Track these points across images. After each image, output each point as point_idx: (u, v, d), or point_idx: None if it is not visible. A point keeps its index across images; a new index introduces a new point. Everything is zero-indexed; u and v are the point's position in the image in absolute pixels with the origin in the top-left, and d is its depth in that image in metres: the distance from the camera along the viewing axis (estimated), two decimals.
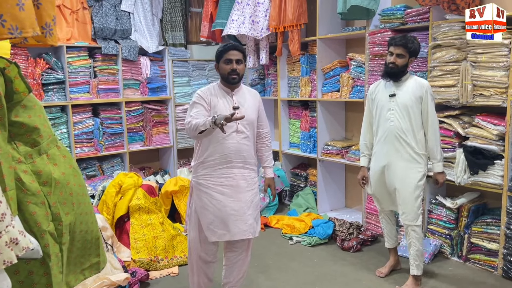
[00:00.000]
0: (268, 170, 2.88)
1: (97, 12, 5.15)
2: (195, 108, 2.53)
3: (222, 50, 2.56)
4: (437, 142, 2.92)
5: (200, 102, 2.54)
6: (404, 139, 2.93)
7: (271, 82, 5.23)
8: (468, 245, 3.38)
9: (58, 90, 4.82)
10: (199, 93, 2.60)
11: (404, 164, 2.95)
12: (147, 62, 5.37)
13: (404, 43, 2.87)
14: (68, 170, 1.52)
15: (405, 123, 2.91)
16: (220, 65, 2.56)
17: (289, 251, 3.81)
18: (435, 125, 2.92)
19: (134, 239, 3.62)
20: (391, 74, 2.94)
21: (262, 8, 4.73)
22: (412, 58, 2.92)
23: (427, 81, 2.98)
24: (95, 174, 5.10)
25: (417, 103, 2.90)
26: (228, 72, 2.53)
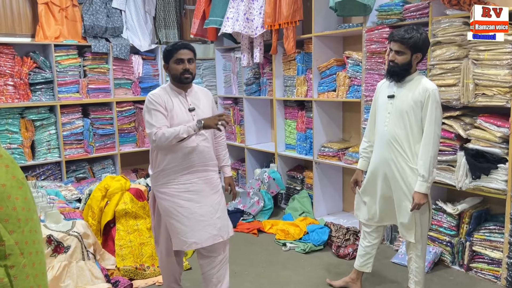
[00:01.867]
0: (227, 169, 2.80)
1: (88, 10, 5.01)
2: (154, 116, 2.40)
3: (171, 49, 2.46)
4: (427, 158, 2.49)
5: (157, 108, 2.42)
6: (397, 148, 2.60)
7: (266, 82, 5.06)
8: (470, 253, 3.20)
9: (46, 90, 4.68)
10: (153, 98, 2.44)
11: (399, 175, 2.62)
12: (139, 61, 5.22)
13: (401, 37, 2.51)
14: (11, 181, 1.34)
15: (399, 130, 2.58)
16: (171, 65, 2.47)
17: (282, 258, 3.64)
18: (431, 137, 2.49)
19: (119, 245, 3.47)
20: (392, 73, 2.61)
21: (256, 5, 4.56)
22: (416, 54, 2.53)
23: (435, 86, 2.53)
24: (85, 177, 4.96)
25: (415, 109, 2.53)
26: (181, 72, 2.45)
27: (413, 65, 2.57)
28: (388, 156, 2.64)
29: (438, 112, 2.51)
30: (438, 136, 2.53)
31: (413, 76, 2.60)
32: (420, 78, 2.59)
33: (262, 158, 5.48)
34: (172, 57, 2.45)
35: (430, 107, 2.49)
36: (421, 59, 2.60)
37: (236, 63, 5.41)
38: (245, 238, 4.06)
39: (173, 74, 2.48)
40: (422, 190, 2.52)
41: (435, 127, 2.50)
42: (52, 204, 3.23)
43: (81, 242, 3.06)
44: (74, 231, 3.07)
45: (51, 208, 3.15)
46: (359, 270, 3.00)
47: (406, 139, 2.58)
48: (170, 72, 2.50)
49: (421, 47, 2.53)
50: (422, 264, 2.72)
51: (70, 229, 3.08)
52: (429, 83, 2.56)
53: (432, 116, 2.49)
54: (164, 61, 2.52)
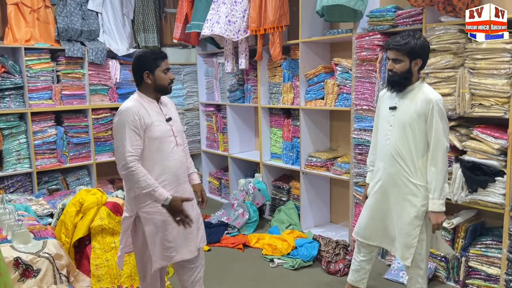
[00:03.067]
0: (196, 176, 2.66)
1: (61, 11, 4.73)
2: (129, 135, 2.20)
3: (157, 58, 2.32)
4: (440, 175, 2.36)
5: (135, 127, 2.22)
6: (400, 163, 2.45)
7: (250, 88, 4.88)
8: (465, 269, 3.08)
9: (15, 96, 4.39)
10: (131, 114, 2.21)
11: (399, 192, 2.49)
12: (116, 65, 4.96)
13: (396, 44, 2.38)
14: None
15: (402, 144, 2.43)
16: (157, 73, 2.32)
17: (270, 275, 3.45)
18: (439, 151, 2.35)
19: (95, 265, 3.22)
20: (393, 83, 2.46)
21: (239, 8, 4.38)
22: (415, 60, 2.38)
23: (440, 96, 2.39)
24: (58, 188, 4.67)
25: (419, 122, 2.38)
26: (168, 82, 2.36)
27: (413, 72, 2.42)
28: (391, 171, 2.51)
29: (444, 124, 2.37)
30: (447, 149, 2.40)
31: (415, 85, 2.45)
32: (423, 87, 2.44)
33: (246, 167, 5.29)
34: (158, 66, 2.31)
35: (435, 119, 2.35)
36: (422, 65, 2.45)
37: (219, 69, 5.22)
38: (230, 253, 3.86)
39: (160, 84, 2.34)
40: (435, 209, 2.39)
41: (443, 140, 2.36)
42: (21, 222, 2.95)
43: (52, 264, 2.80)
44: (45, 252, 2.82)
45: (20, 227, 2.88)
46: (353, 285, 2.85)
47: (409, 153, 2.44)
48: (156, 82, 2.33)
49: (419, 52, 2.38)
50: (425, 285, 2.58)
51: (41, 250, 2.82)
52: (432, 92, 2.41)
53: (439, 129, 2.35)
54: (147, 69, 2.31)
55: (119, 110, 2.28)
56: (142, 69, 2.31)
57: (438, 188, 2.37)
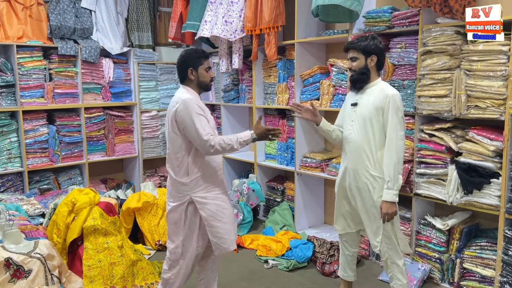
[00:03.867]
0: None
1: (54, 9, 4.67)
2: (200, 122, 2.41)
3: (202, 56, 2.53)
4: (392, 165, 2.47)
5: (202, 113, 2.45)
6: (361, 156, 2.60)
7: (245, 88, 4.86)
8: (460, 271, 3.08)
9: (7, 94, 4.31)
10: (196, 103, 2.44)
11: (361, 185, 2.62)
12: (110, 64, 4.91)
13: (350, 43, 2.63)
14: None
15: (363, 137, 2.59)
16: (200, 71, 2.53)
17: (264, 276, 3.42)
18: (394, 143, 2.48)
19: (87, 266, 3.17)
20: (353, 81, 2.66)
21: (236, 7, 4.35)
22: (370, 57, 2.56)
23: (396, 91, 2.54)
24: (50, 188, 4.60)
25: (377, 116, 2.53)
26: (210, 80, 2.57)
27: (370, 68, 2.59)
28: (353, 164, 2.65)
29: (400, 117, 2.51)
30: (402, 142, 2.51)
31: (375, 82, 2.62)
32: (381, 85, 2.60)
33: (239, 168, 5.27)
34: (201, 64, 2.52)
35: (391, 113, 2.49)
36: (379, 63, 2.61)
37: (214, 69, 5.19)
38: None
39: (202, 81, 2.55)
40: (388, 199, 2.50)
41: (397, 133, 2.49)
42: (12, 221, 2.90)
43: (44, 264, 2.76)
44: (37, 252, 2.77)
45: (11, 227, 2.82)
46: (348, 280, 2.99)
47: (368, 146, 2.58)
48: (198, 78, 2.54)
49: (372, 49, 2.57)
50: (405, 280, 2.66)
51: (32, 250, 2.77)
52: (390, 88, 2.56)
53: (393, 122, 2.49)
54: (191, 66, 2.51)
55: (180, 101, 2.41)
56: (187, 66, 2.51)
57: (392, 179, 2.48)
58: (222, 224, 2.52)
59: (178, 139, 2.47)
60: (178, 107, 2.41)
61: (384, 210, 2.51)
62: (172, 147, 2.50)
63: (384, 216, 2.52)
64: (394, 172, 2.48)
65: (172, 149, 2.51)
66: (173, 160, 2.52)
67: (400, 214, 3.44)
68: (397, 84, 3.31)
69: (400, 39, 3.30)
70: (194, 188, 2.49)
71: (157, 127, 5.34)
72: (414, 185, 3.28)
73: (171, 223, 2.58)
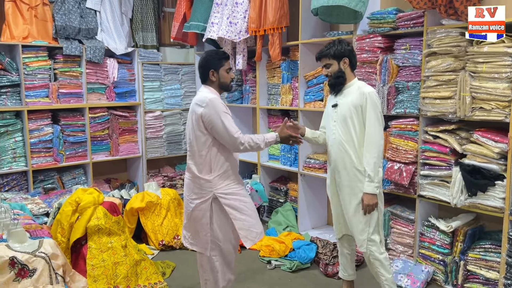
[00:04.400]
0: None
1: (59, 9, 4.69)
2: (228, 120, 2.49)
3: (223, 58, 2.60)
4: (372, 159, 2.59)
5: (228, 112, 2.53)
6: (346, 152, 2.68)
7: (249, 89, 4.86)
8: (464, 273, 3.08)
9: (12, 93, 4.33)
10: (221, 102, 2.52)
11: (349, 181, 2.71)
12: (114, 64, 4.93)
13: (320, 52, 2.74)
14: None
15: (345, 136, 2.69)
16: (221, 72, 2.60)
17: (267, 277, 3.43)
18: (372, 137, 2.60)
19: (91, 265, 3.18)
20: (331, 85, 2.78)
21: (240, 8, 4.36)
22: (343, 59, 2.68)
23: (372, 89, 2.66)
24: (54, 187, 4.62)
25: (357, 114, 2.64)
26: (230, 81, 2.64)
27: (344, 71, 2.70)
28: (341, 163, 2.72)
29: (378, 113, 2.61)
30: (380, 136, 2.61)
31: (352, 83, 2.72)
32: (358, 84, 2.71)
33: (243, 168, 5.27)
34: (223, 65, 2.59)
35: (369, 109, 2.60)
36: (352, 63, 2.71)
37: None
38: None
39: (223, 82, 2.61)
40: (369, 191, 2.61)
41: (376, 128, 2.60)
42: (17, 220, 2.91)
43: (48, 264, 2.76)
44: (41, 251, 2.77)
45: (15, 226, 2.83)
46: (349, 279, 3.04)
47: (352, 143, 2.67)
48: (220, 79, 2.60)
49: (342, 52, 2.68)
50: (389, 275, 2.74)
51: (37, 250, 2.78)
52: (366, 87, 2.67)
53: (371, 118, 2.60)
54: (213, 67, 2.57)
55: (207, 100, 2.46)
56: (209, 67, 2.58)
57: (372, 172, 2.59)
58: (247, 217, 2.59)
59: (203, 137, 2.51)
60: (205, 107, 2.46)
61: (365, 202, 2.62)
62: (196, 145, 2.55)
63: (366, 207, 2.63)
64: (374, 166, 2.59)
65: (196, 147, 2.55)
66: (196, 158, 2.57)
67: (404, 215, 3.44)
68: (402, 85, 3.31)
69: (405, 41, 3.29)
70: (217, 184, 2.55)
71: (161, 127, 5.35)
72: (418, 187, 3.28)
73: (196, 221, 2.61)
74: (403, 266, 3.31)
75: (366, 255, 2.75)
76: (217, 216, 2.59)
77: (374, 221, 2.70)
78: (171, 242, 3.99)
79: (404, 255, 3.44)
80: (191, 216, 2.63)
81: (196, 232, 2.65)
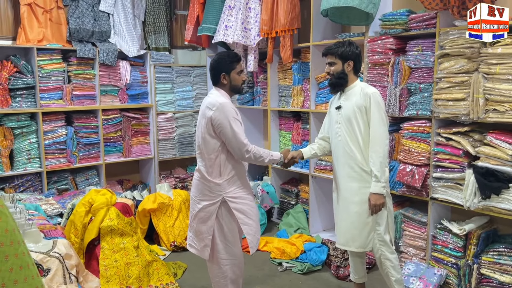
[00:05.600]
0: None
1: (73, 12, 4.76)
2: (238, 127, 2.49)
3: (235, 60, 2.58)
4: (378, 159, 2.59)
5: (239, 119, 2.53)
6: (351, 154, 2.68)
7: (260, 91, 4.87)
8: (477, 277, 3.04)
9: (27, 96, 4.40)
10: (232, 108, 2.51)
11: (354, 183, 2.70)
12: (127, 67, 4.98)
13: (328, 48, 2.74)
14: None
15: (350, 137, 2.69)
16: (233, 75, 2.58)
17: (278, 279, 3.43)
18: (377, 138, 2.60)
19: (104, 266, 3.22)
20: (331, 85, 2.79)
21: (253, 14, 4.39)
22: (347, 62, 2.69)
23: (375, 90, 2.67)
24: (67, 188, 4.68)
25: (361, 115, 2.64)
26: (241, 83, 2.64)
27: (347, 73, 2.71)
28: (345, 164, 2.72)
29: (382, 113, 2.62)
30: (385, 136, 2.62)
31: (354, 84, 2.73)
32: (361, 85, 2.71)
33: (254, 170, 5.28)
34: (234, 68, 2.57)
35: (373, 110, 2.60)
36: (356, 68, 2.72)
37: None
38: None
39: (235, 84, 2.61)
40: (376, 191, 2.60)
41: (380, 128, 2.60)
42: (31, 221, 2.96)
43: (62, 264, 2.81)
44: (55, 251, 2.82)
45: (30, 226, 2.88)
46: (360, 282, 3.02)
47: (357, 144, 2.67)
48: (231, 82, 2.59)
49: (349, 55, 2.69)
50: (398, 275, 2.75)
51: (51, 250, 2.83)
52: (369, 87, 2.68)
53: (375, 118, 2.60)
54: (224, 71, 2.56)
55: (217, 104, 2.46)
56: (220, 70, 2.57)
57: (378, 172, 2.58)
58: (253, 222, 2.62)
59: (213, 141, 2.51)
60: (216, 111, 2.46)
61: (372, 202, 2.62)
62: (205, 147, 2.55)
63: (373, 207, 2.62)
64: (380, 165, 2.59)
65: (205, 150, 2.56)
66: (206, 161, 2.57)
67: (416, 218, 3.41)
68: (414, 87, 3.29)
69: (417, 42, 3.27)
70: (226, 188, 2.56)
71: (172, 129, 5.39)
72: (430, 189, 3.25)
73: (200, 222, 2.61)
74: (415, 269, 3.29)
75: (377, 255, 2.74)
76: (227, 219, 2.60)
77: (384, 221, 2.69)
78: (183, 243, 4.02)
79: (416, 258, 3.41)
80: (196, 216, 2.63)
81: (197, 233, 2.64)
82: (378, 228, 2.69)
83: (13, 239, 1.19)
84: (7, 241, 1.16)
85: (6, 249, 1.16)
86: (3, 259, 1.14)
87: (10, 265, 1.16)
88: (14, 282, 1.17)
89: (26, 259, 1.23)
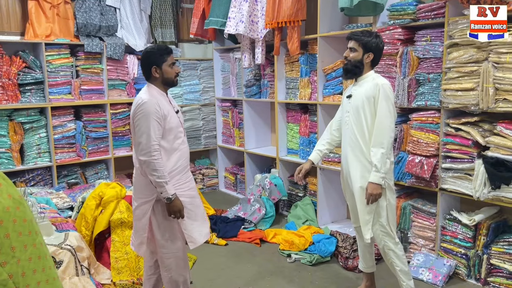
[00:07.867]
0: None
1: (80, 7, 4.77)
2: (153, 127, 2.35)
3: (165, 53, 2.49)
4: (380, 149, 2.56)
5: (157, 119, 2.37)
6: (357, 144, 2.67)
7: (267, 83, 4.87)
8: (487, 267, 3.04)
9: (36, 91, 4.44)
10: (154, 106, 2.37)
11: (360, 172, 2.67)
12: (134, 61, 5.00)
13: (355, 34, 2.68)
14: (7, 201, 1.15)
15: (357, 127, 2.67)
16: (165, 68, 2.49)
17: (287, 270, 3.45)
18: (382, 129, 2.57)
19: (115, 258, 3.25)
20: (345, 70, 2.74)
21: (259, 7, 4.39)
22: (368, 53, 2.64)
23: (386, 81, 2.64)
24: (77, 182, 4.72)
25: (369, 105, 2.61)
26: (175, 76, 2.54)
27: (364, 64, 2.67)
28: (352, 153, 2.70)
29: (390, 105, 2.58)
30: (391, 128, 2.58)
31: (367, 75, 2.70)
32: (373, 75, 2.69)
33: (261, 162, 5.29)
34: (165, 60, 2.48)
35: (381, 101, 2.57)
36: (375, 61, 2.69)
37: (235, 64, 5.22)
38: (247, 248, 3.87)
39: (167, 77, 2.50)
40: (374, 180, 2.57)
41: (387, 119, 2.57)
42: (43, 214, 3.00)
43: (74, 256, 2.84)
44: (67, 244, 2.85)
45: (42, 219, 2.92)
46: (369, 272, 3.01)
47: (363, 135, 2.65)
48: (163, 76, 2.49)
49: (373, 47, 2.65)
50: (403, 266, 2.73)
51: (63, 242, 2.86)
52: (381, 79, 2.65)
53: (383, 109, 2.57)
54: (155, 64, 2.46)
55: (139, 102, 2.38)
56: (150, 64, 2.47)
57: (379, 162, 2.55)
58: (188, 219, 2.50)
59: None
60: (137, 107, 2.38)
61: (369, 191, 2.59)
62: (134, 145, 2.45)
63: (368, 196, 2.59)
64: (382, 156, 2.56)
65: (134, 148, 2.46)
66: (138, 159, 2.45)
67: (425, 209, 3.40)
68: (422, 77, 3.27)
69: (425, 32, 3.25)
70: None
71: None
72: (439, 180, 3.24)
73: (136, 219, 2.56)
74: (424, 260, 3.29)
75: (380, 245, 2.74)
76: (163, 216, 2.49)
77: (384, 211, 2.67)
78: None
79: (426, 249, 3.41)
80: (134, 213, 2.58)
81: (134, 230, 2.59)
82: (380, 219, 2.68)
83: (31, 229, 1.20)
84: (25, 231, 1.18)
85: (24, 238, 1.18)
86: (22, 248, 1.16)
87: (29, 255, 1.18)
88: (33, 271, 1.19)
89: (44, 250, 1.25)
